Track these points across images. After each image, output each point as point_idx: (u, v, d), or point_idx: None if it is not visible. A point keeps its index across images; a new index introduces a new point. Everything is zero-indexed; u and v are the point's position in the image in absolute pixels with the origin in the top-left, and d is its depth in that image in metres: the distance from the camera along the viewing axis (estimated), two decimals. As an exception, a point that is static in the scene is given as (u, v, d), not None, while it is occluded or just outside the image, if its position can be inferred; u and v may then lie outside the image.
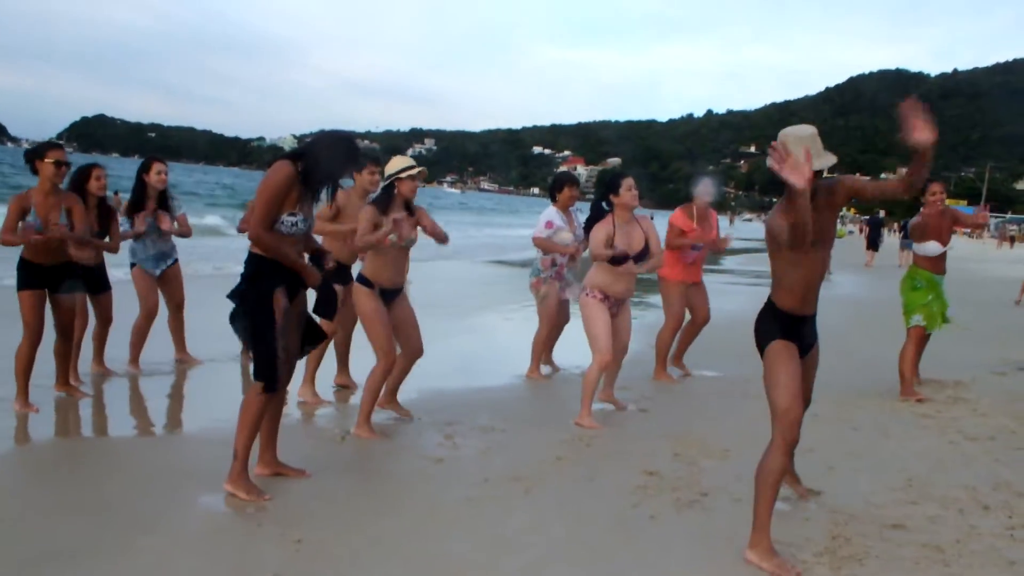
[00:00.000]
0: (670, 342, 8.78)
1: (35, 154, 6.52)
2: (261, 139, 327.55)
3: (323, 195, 5.13)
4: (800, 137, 4.14)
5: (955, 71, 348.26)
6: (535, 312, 8.67)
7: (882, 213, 48.61)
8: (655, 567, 4.22)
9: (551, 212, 8.41)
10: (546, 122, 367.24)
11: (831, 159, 4.23)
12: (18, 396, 6.53)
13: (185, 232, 8.22)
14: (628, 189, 7.01)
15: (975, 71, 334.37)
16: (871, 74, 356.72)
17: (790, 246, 4.03)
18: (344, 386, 7.73)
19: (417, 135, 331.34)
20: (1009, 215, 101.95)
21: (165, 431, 6.63)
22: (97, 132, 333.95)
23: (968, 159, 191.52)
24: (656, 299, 9.82)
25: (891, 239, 46.93)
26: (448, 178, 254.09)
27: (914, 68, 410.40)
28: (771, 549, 4.18)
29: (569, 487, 5.37)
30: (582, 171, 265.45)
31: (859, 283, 22.55)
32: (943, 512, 5.11)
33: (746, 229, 65.55)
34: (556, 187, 8.56)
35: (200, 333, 8.71)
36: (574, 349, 9.01)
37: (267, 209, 4.79)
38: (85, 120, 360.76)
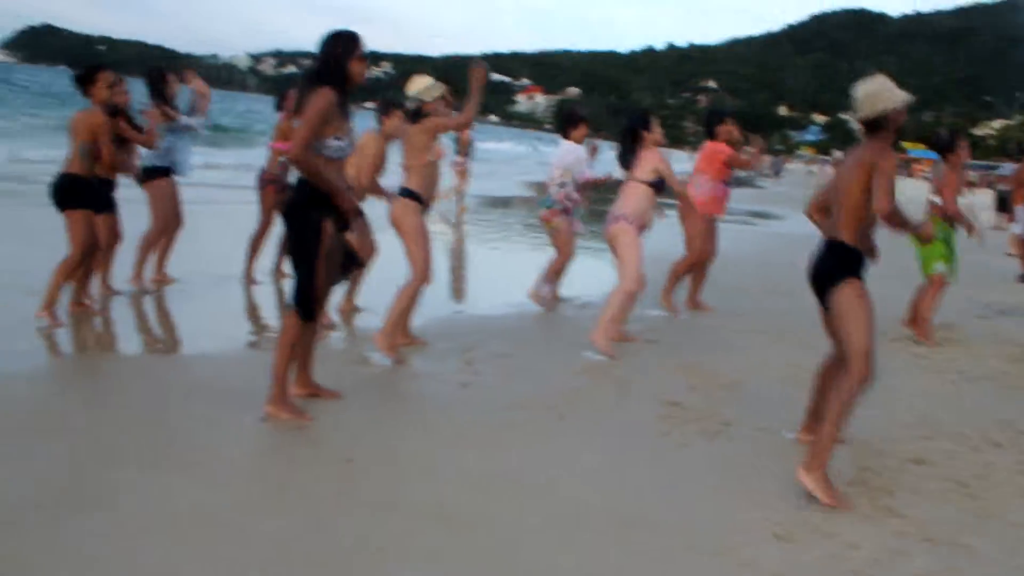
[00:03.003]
0: (685, 273, 8.99)
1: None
2: (215, 56, 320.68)
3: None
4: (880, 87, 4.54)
5: (917, 13, 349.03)
6: (524, 243, 8.70)
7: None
8: (695, 495, 4.37)
9: (576, 148, 8.54)
10: (505, 49, 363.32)
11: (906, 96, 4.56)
12: (48, 307, 6.52)
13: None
14: (658, 126, 7.10)
15: (937, 14, 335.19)
16: (834, 13, 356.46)
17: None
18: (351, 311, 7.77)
19: (374, 58, 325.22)
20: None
21: (188, 350, 6.66)
22: (44, 43, 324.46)
23: (928, 103, 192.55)
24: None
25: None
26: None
27: (876, 8, 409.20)
28: (826, 479, 4.33)
29: (595, 416, 5.49)
30: (540, 100, 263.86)
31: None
32: (958, 448, 5.32)
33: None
34: (571, 122, 8.59)
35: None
36: (570, 282, 9.18)
37: (312, 133, 4.77)
38: (32, 30, 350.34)
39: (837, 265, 4.56)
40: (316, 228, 4.89)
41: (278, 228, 8.78)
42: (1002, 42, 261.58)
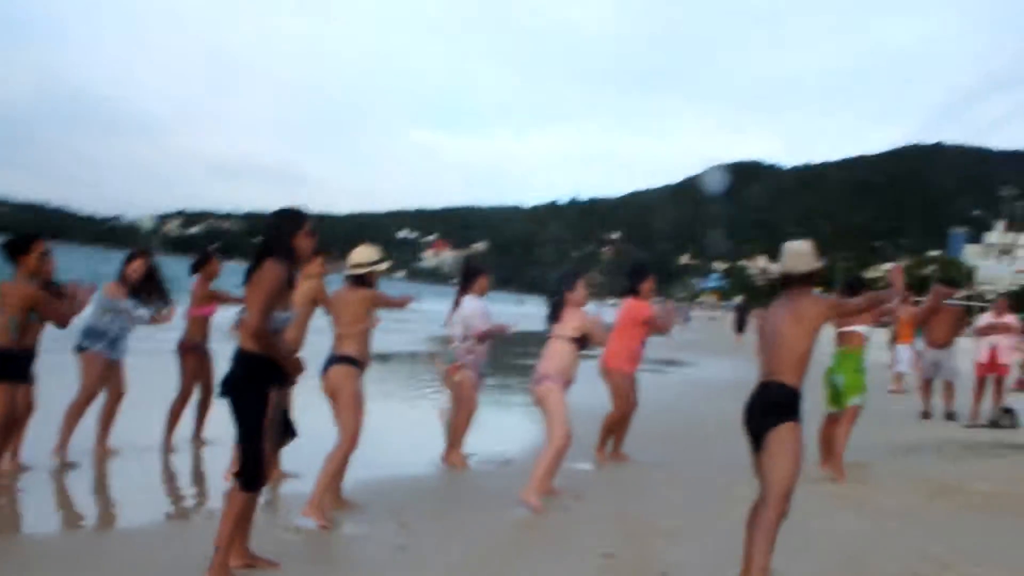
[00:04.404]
0: (614, 426, 9.12)
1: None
2: (118, 217, 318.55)
3: None
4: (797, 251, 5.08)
5: (807, 165, 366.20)
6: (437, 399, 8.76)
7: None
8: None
9: (478, 303, 8.69)
10: (412, 206, 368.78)
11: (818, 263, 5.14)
12: None
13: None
14: (583, 286, 7.38)
15: (825, 166, 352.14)
16: (729, 165, 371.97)
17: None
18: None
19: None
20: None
21: (115, 525, 6.52)
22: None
23: (823, 249, 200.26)
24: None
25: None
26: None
27: (768, 160, 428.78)
28: None
29: (536, 573, 5.52)
30: (447, 256, 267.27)
31: (736, 365, 23.61)
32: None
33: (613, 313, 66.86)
34: (472, 276, 8.80)
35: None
36: (480, 436, 9.25)
37: (267, 309, 4.89)
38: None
39: (778, 406, 4.79)
40: (261, 399, 4.95)
41: (195, 395, 8.80)
42: (888, 191, 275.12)
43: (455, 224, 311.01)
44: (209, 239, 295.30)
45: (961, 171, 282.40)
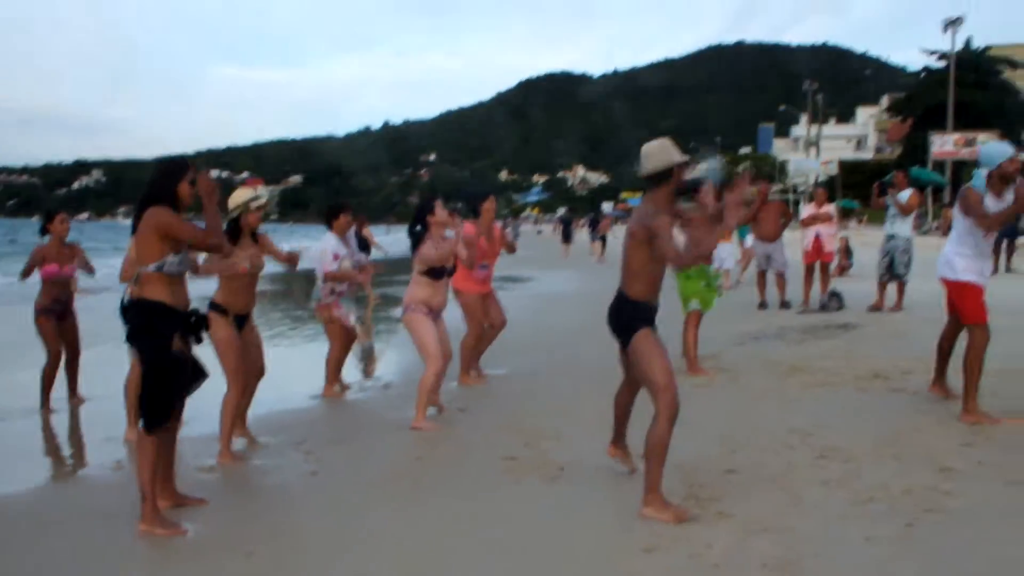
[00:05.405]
0: (474, 348, 9.44)
1: None
2: None
3: None
4: (659, 147, 5.23)
5: (615, 72, 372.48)
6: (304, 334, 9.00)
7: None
8: (560, 533, 4.98)
9: (332, 242, 8.76)
10: (221, 145, 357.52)
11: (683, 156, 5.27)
12: None
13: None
14: (441, 208, 7.64)
15: (633, 70, 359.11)
16: (540, 77, 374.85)
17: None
18: None
19: (83, 167, 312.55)
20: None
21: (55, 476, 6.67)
22: None
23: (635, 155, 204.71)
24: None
25: (580, 234, 50.41)
26: (122, 209, 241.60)
27: (578, 70, 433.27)
28: (664, 503, 5.01)
29: (443, 480, 5.97)
30: (263, 191, 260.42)
31: (569, 277, 24.62)
32: (761, 455, 6.21)
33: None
34: (332, 214, 8.88)
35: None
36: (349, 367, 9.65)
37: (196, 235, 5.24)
38: None
39: (627, 318, 5.26)
40: (163, 343, 5.15)
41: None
42: (695, 92, 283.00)
43: (269, 159, 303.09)
44: (4, 195, 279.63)
45: (763, 68, 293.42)
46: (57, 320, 8.65)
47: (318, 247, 8.89)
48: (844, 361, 9.59)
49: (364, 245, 12.88)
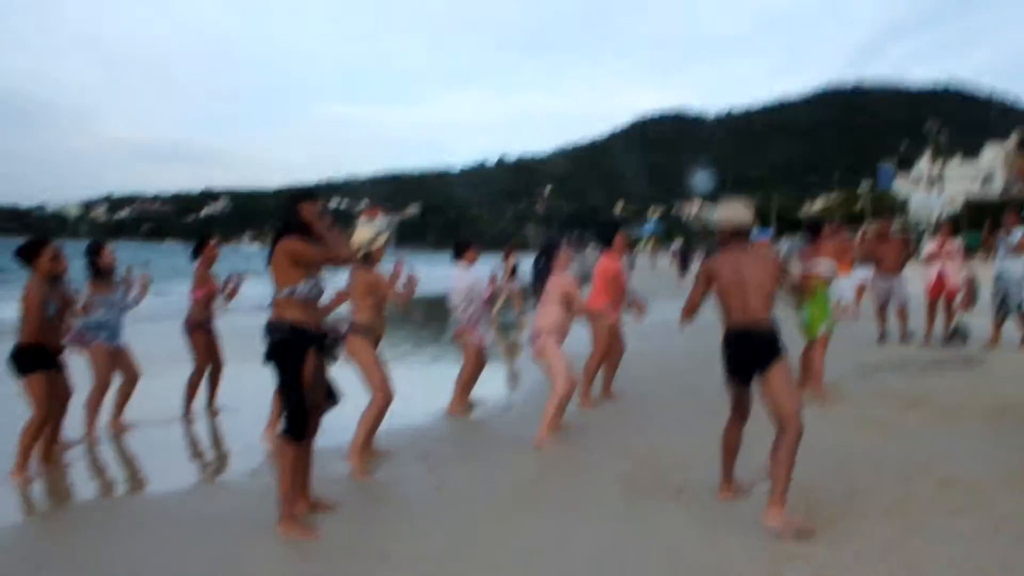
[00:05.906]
0: (595, 372, 9.70)
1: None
2: (41, 207, 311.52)
3: None
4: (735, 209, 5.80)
5: (730, 112, 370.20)
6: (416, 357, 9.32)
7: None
8: (679, 545, 5.09)
9: (466, 272, 9.36)
10: (339, 177, 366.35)
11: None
12: (21, 467, 6.84)
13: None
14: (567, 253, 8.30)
15: (749, 112, 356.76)
16: (654, 117, 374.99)
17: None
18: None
19: (210, 195, 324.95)
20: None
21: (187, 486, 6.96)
22: None
23: (757, 187, 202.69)
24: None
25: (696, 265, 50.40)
26: (247, 234, 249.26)
27: (693, 108, 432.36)
28: (788, 517, 5.18)
29: (566, 495, 6.15)
30: (381, 221, 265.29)
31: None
32: (877, 481, 6.24)
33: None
34: (461, 249, 9.46)
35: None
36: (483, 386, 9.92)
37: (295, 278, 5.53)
38: None
39: (772, 344, 5.44)
40: (299, 358, 5.47)
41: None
42: (812, 134, 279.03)
43: (385, 191, 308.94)
44: (138, 222, 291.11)
45: (883, 110, 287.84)
46: (206, 335, 9.22)
47: (458, 279, 9.33)
48: (969, 395, 9.42)
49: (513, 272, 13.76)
